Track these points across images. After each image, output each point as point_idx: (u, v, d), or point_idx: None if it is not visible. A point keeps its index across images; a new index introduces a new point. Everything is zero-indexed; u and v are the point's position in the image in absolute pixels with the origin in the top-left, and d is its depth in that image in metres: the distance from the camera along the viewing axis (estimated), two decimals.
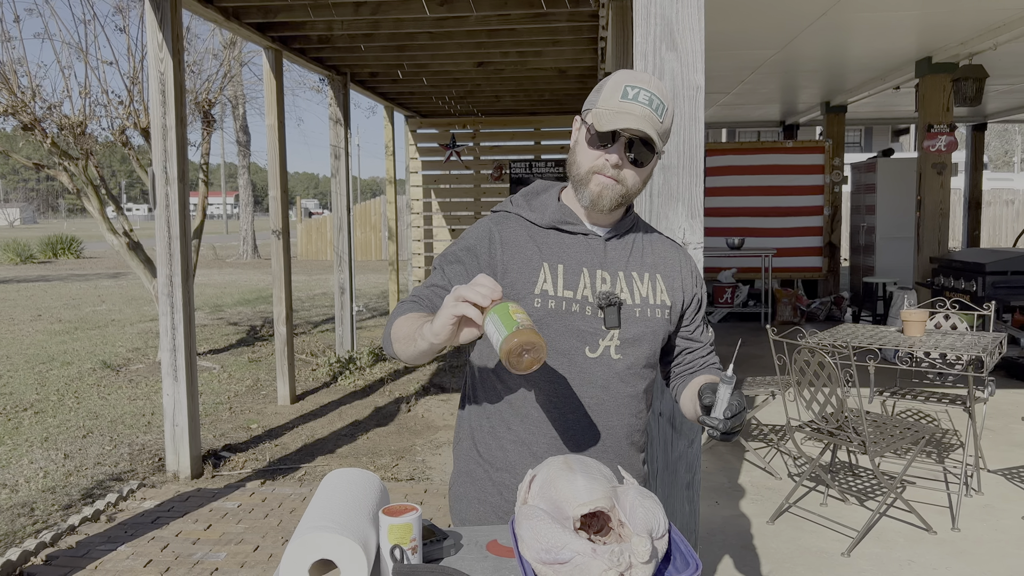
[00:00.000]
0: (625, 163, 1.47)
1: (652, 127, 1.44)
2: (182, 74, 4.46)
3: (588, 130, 1.49)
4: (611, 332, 1.54)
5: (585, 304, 1.52)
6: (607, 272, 1.55)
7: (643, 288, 1.58)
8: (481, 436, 1.61)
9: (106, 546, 3.57)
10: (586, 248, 1.56)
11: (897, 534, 3.48)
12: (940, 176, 6.84)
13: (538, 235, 1.57)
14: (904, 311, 3.85)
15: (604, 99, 1.47)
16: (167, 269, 4.43)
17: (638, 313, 1.56)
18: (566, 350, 1.53)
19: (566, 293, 1.53)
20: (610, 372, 1.55)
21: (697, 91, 2.54)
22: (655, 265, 1.62)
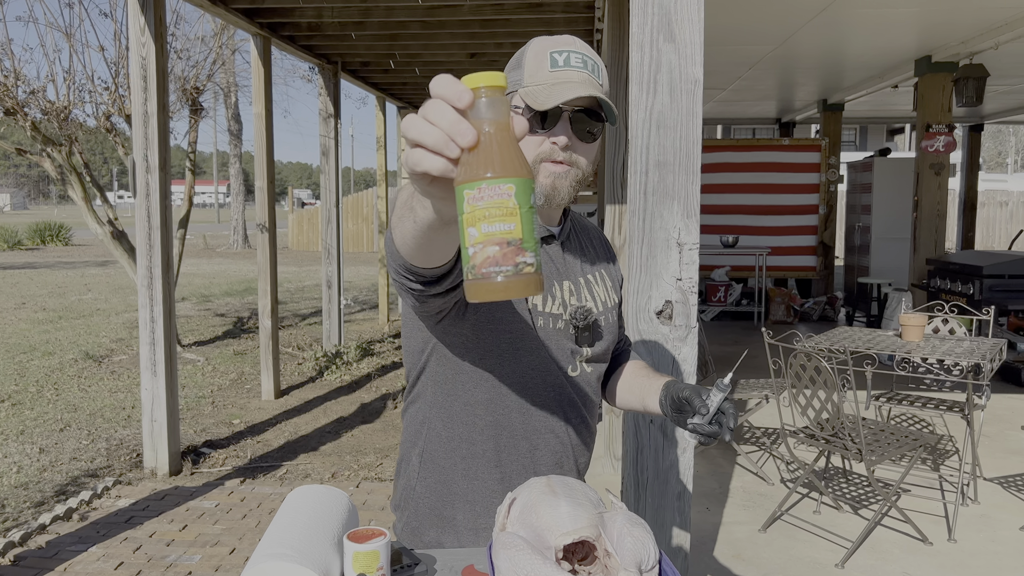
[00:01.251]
0: (575, 142, 1.27)
1: (598, 91, 1.25)
2: (165, 59, 4.33)
3: (523, 114, 1.26)
4: (583, 349, 1.40)
5: (559, 319, 1.36)
6: (570, 281, 1.40)
7: (600, 292, 1.45)
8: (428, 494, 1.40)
9: (77, 546, 3.45)
10: (547, 257, 1.38)
11: (892, 544, 3.40)
12: (938, 177, 6.75)
13: None
14: (903, 315, 3.76)
15: (530, 73, 1.27)
16: (147, 260, 4.30)
17: (603, 321, 1.43)
18: (556, 371, 1.38)
19: (553, 309, 1.36)
20: (587, 388, 1.43)
21: (695, 85, 2.43)
22: (598, 259, 1.49)
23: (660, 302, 2.48)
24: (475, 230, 0.71)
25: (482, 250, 0.71)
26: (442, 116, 0.69)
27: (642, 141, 2.45)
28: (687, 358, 2.49)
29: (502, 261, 0.70)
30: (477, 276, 0.71)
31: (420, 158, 0.70)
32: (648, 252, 2.47)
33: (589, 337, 1.40)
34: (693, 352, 2.48)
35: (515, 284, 0.71)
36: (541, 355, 1.36)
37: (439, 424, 1.36)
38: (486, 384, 1.34)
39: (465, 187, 0.70)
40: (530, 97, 1.26)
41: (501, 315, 1.33)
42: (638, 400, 1.50)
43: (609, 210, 4.19)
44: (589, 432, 1.47)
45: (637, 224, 2.47)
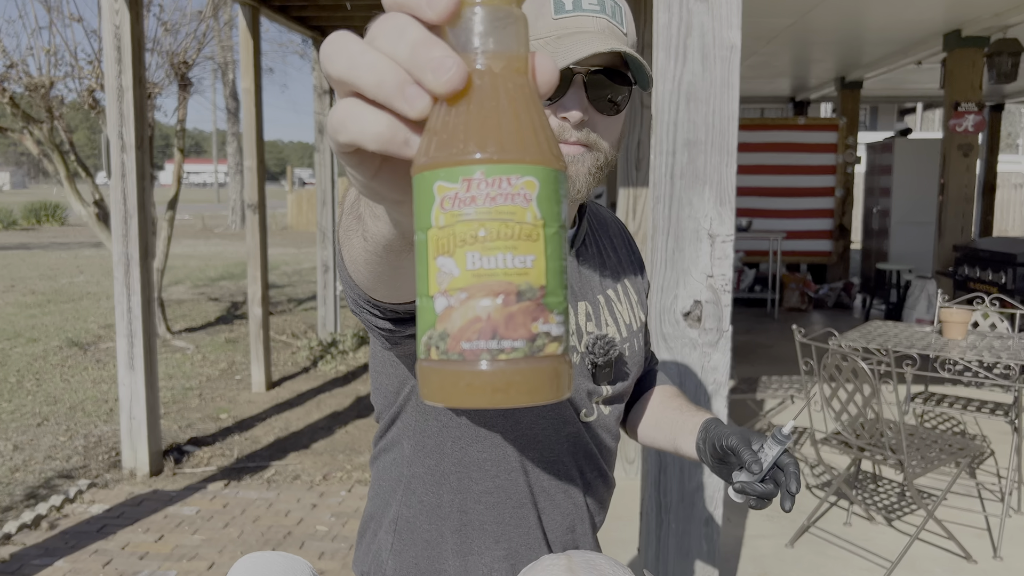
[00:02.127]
0: (592, 116, 0.92)
1: (620, 43, 0.89)
2: (140, 28, 3.99)
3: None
4: (603, 387, 1.07)
5: (576, 354, 1.04)
6: (588, 302, 1.06)
7: (624, 312, 1.10)
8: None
9: (42, 560, 3.16)
10: None
11: (933, 563, 3.10)
12: (966, 158, 6.40)
13: None
14: (944, 310, 3.44)
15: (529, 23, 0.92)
16: (123, 247, 3.99)
17: (627, 351, 1.10)
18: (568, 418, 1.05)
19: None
20: (605, 434, 1.11)
21: (731, 50, 2.10)
22: (621, 267, 1.13)
23: (688, 302, 2.16)
24: (453, 263, 0.38)
25: (466, 304, 0.37)
26: (399, 36, 0.37)
27: (669, 116, 2.13)
28: (718, 366, 2.18)
29: (504, 330, 0.37)
30: (450, 356, 0.38)
31: (348, 115, 0.38)
32: (675, 245, 2.15)
33: (610, 374, 1.07)
34: (725, 360, 2.16)
35: (527, 379, 0.38)
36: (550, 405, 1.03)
37: (421, 488, 1.03)
38: (483, 441, 1.00)
39: (438, 176, 0.38)
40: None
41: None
42: (667, 439, 1.17)
43: (622, 193, 3.86)
44: (607, 486, 1.15)
45: (662, 212, 2.15)
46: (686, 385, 2.17)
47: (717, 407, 2.18)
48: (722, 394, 2.18)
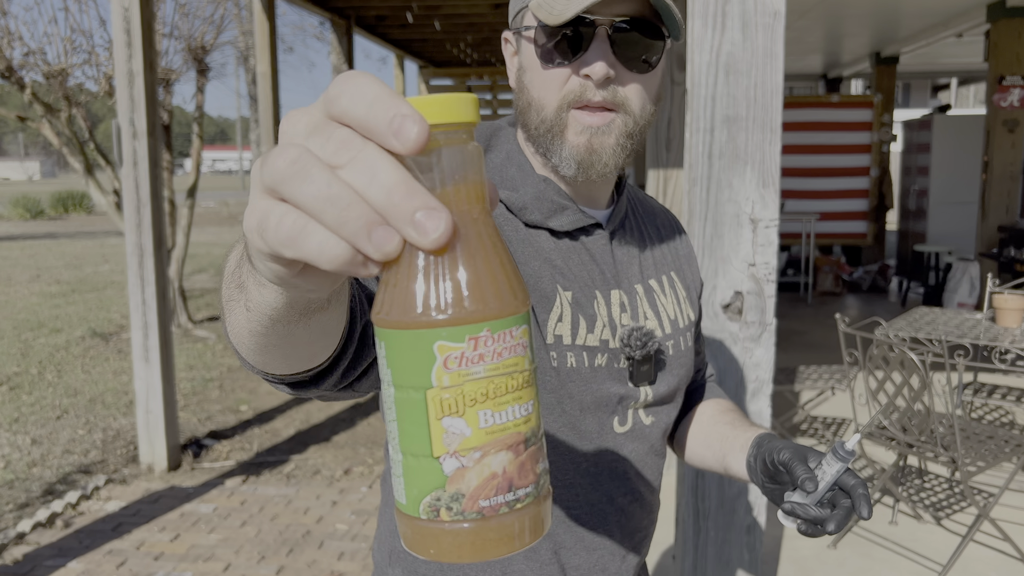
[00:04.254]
0: (620, 71, 0.80)
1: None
2: (151, 11, 3.86)
3: (535, 40, 0.81)
4: (643, 390, 0.92)
5: (605, 351, 0.89)
6: (623, 291, 0.91)
7: (669, 305, 0.96)
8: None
9: (55, 560, 3.08)
10: (589, 253, 0.90)
11: (986, 566, 2.91)
12: (1012, 134, 6.11)
13: (528, 237, 0.87)
14: (997, 296, 3.23)
15: None
16: (136, 236, 3.88)
17: (671, 349, 0.95)
18: (595, 431, 0.90)
19: (588, 339, 0.88)
20: (644, 447, 0.95)
21: (775, 17, 1.91)
22: (666, 260, 0.99)
23: (728, 293, 1.99)
24: (464, 423, 0.36)
25: (481, 462, 0.36)
26: (370, 174, 0.35)
27: (706, 91, 1.95)
28: (760, 362, 2.01)
29: (518, 480, 0.37)
30: (466, 516, 0.37)
31: (300, 232, 0.35)
32: (713, 231, 1.97)
33: (650, 372, 0.91)
34: (769, 355, 1.99)
35: (536, 519, 0.39)
36: (567, 411, 0.88)
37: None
38: None
39: (439, 335, 0.36)
40: (543, 9, 0.78)
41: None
42: (717, 458, 1.01)
43: (652, 175, 3.67)
44: (647, 513, 0.98)
45: (699, 195, 1.98)
46: (726, 383, 2.00)
47: (759, 407, 2.01)
48: (765, 392, 2.01)
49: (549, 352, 0.86)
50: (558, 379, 0.87)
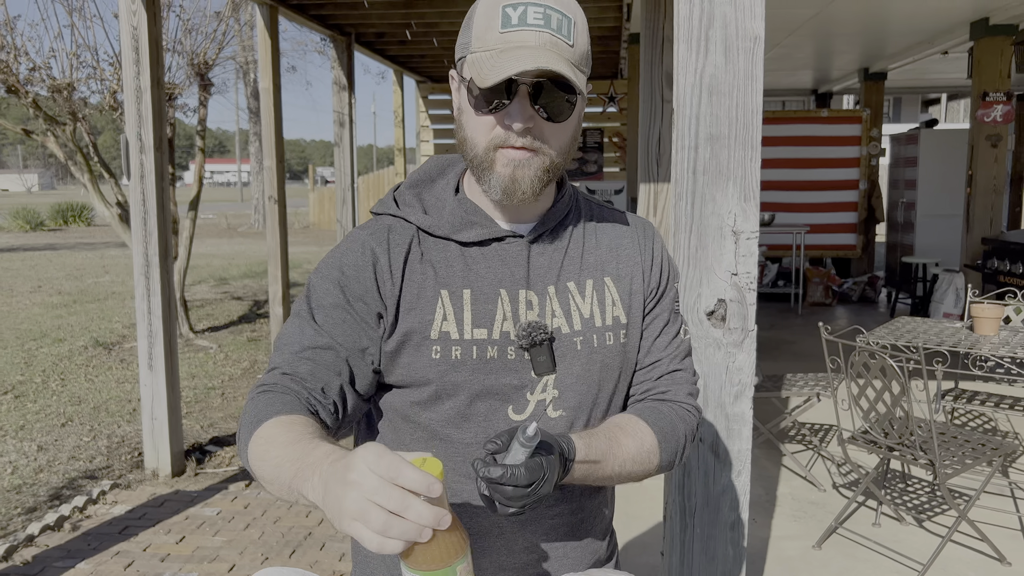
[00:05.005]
0: (538, 123, 0.96)
1: (560, 58, 0.93)
2: (158, 29, 3.99)
3: (469, 88, 0.97)
4: (544, 380, 1.05)
5: (507, 345, 1.03)
6: (533, 292, 1.05)
7: (585, 305, 1.08)
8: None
9: (64, 562, 3.17)
10: (500, 259, 1.05)
11: (965, 566, 3.02)
12: (995, 149, 6.26)
13: (433, 248, 1.05)
14: (975, 306, 3.36)
15: (478, 36, 0.96)
16: (142, 247, 4.00)
17: (579, 344, 1.06)
18: (484, 416, 1.03)
19: (477, 333, 1.02)
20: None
21: (755, 42, 2.04)
22: (602, 265, 1.11)
23: (712, 301, 2.11)
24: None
25: None
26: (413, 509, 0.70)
27: (691, 110, 2.08)
28: (743, 367, 2.13)
29: None
30: None
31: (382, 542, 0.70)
32: (698, 242, 2.10)
33: (547, 362, 1.04)
34: (751, 360, 2.11)
35: None
36: (454, 397, 1.02)
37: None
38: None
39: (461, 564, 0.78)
40: (476, 67, 0.94)
41: (409, 362, 1.02)
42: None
43: (643, 189, 3.80)
44: (567, 498, 1.08)
45: (685, 209, 2.10)
46: (710, 386, 2.12)
47: (742, 409, 2.13)
48: (747, 395, 2.13)
49: (432, 347, 1.01)
50: (439, 370, 1.01)
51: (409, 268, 1.04)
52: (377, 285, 1.02)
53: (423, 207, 1.07)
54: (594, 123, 10.45)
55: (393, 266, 1.03)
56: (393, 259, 1.03)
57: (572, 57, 0.96)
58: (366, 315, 1.02)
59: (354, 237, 1.06)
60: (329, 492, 0.73)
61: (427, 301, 1.02)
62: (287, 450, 0.85)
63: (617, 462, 1.02)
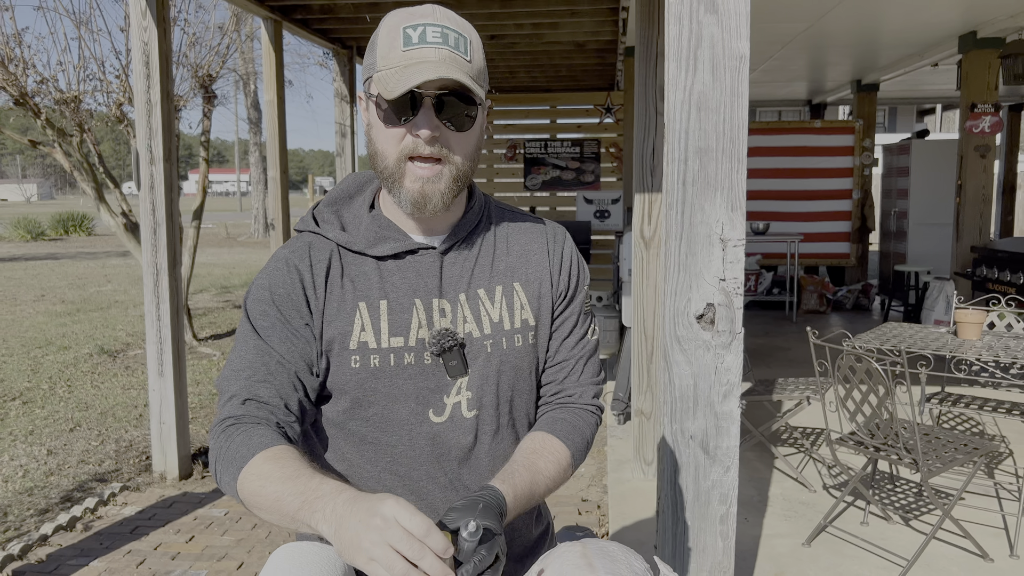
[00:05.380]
0: (443, 132, 1.06)
1: (459, 70, 1.03)
2: (168, 44, 4.11)
3: (377, 104, 1.05)
4: (458, 383, 1.14)
5: (422, 351, 1.12)
6: (446, 300, 1.15)
7: (494, 310, 1.18)
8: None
9: (78, 560, 3.27)
10: (415, 271, 1.14)
11: (949, 561, 3.13)
12: (983, 159, 6.40)
13: (352, 263, 1.14)
14: (958, 311, 3.47)
15: (383, 55, 1.05)
16: (152, 256, 4.11)
17: (490, 347, 1.16)
18: (404, 420, 1.13)
19: (394, 341, 1.11)
20: (467, 437, 1.15)
21: (740, 61, 2.16)
22: (512, 271, 1.20)
23: (701, 305, 2.23)
24: None
25: None
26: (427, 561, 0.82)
27: (680, 125, 2.20)
28: (731, 367, 2.24)
29: None
30: None
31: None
32: (687, 249, 2.22)
33: (459, 366, 1.13)
34: (738, 361, 2.23)
35: None
36: (375, 403, 1.12)
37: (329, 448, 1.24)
38: (361, 447, 1.18)
39: None
40: (382, 83, 1.03)
41: (333, 371, 1.12)
42: None
43: (638, 199, 3.92)
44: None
45: (675, 218, 2.22)
46: (700, 386, 2.24)
47: (730, 407, 2.25)
48: (735, 394, 2.24)
49: (351, 356, 1.10)
50: (359, 378, 1.11)
51: (331, 282, 1.13)
52: (306, 299, 1.11)
53: (341, 224, 1.16)
54: (592, 134, 10.60)
55: (316, 281, 1.12)
56: (316, 274, 1.13)
57: (470, 71, 1.05)
58: (302, 329, 1.11)
59: (278, 257, 1.15)
60: (345, 527, 0.84)
61: (346, 313, 1.11)
62: (287, 485, 0.94)
63: (540, 489, 1.13)
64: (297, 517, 0.91)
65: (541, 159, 10.61)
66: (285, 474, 0.95)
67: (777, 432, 4.62)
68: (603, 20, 6.10)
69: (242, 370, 1.10)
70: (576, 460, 1.20)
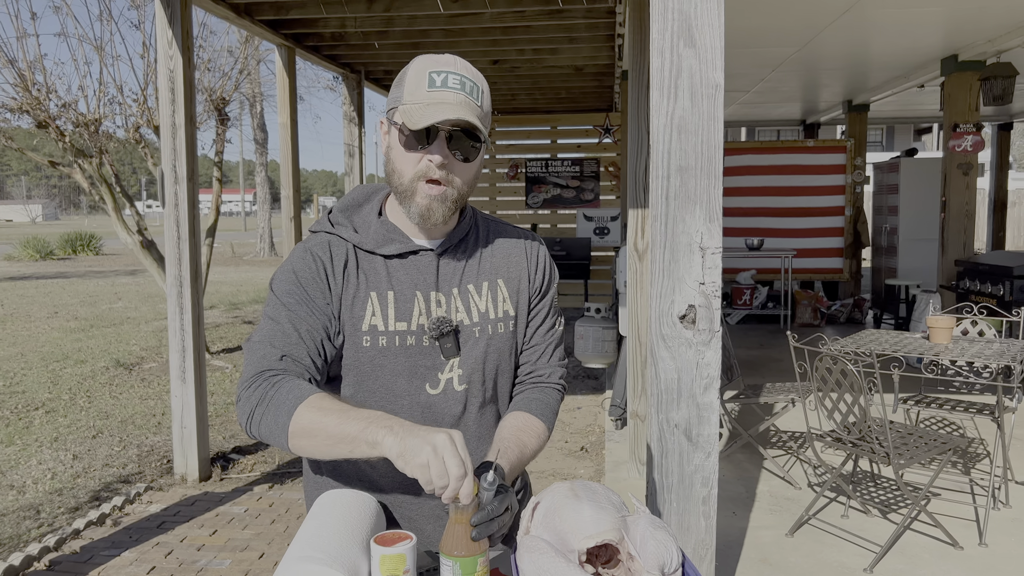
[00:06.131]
0: (452, 161, 1.30)
1: (472, 113, 1.28)
2: (192, 71, 4.40)
3: (400, 131, 1.30)
4: (451, 362, 1.39)
5: (421, 335, 1.37)
6: (441, 293, 1.40)
7: (481, 302, 1.43)
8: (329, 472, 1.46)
9: (110, 551, 3.51)
10: (416, 268, 1.39)
11: (922, 549, 3.36)
12: (966, 177, 6.67)
13: (364, 259, 1.39)
14: (930, 317, 3.72)
15: (409, 92, 1.29)
16: (176, 269, 4.38)
17: (477, 333, 1.42)
18: (405, 391, 1.38)
19: (399, 325, 1.36)
20: (457, 407, 1.41)
21: (716, 89, 2.43)
22: (496, 270, 1.47)
23: (683, 306, 2.48)
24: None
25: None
26: (452, 461, 1.06)
27: (663, 146, 2.46)
28: (711, 362, 2.49)
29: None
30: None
31: (432, 480, 1.06)
32: (671, 257, 2.47)
33: (452, 348, 1.39)
34: (717, 356, 2.48)
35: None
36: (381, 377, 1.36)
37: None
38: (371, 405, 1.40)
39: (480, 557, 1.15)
40: (407, 115, 1.28)
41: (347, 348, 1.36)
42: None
43: (632, 214, 4.19)
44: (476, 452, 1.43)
45: (659, 229, 2.48)
46: (683, 379, 2.49)
47: (710, 398, 2.49)
48: (714, 387, 2.49)
49: (363, 337, 1.35)
50: (369, 355, 1.35)
51: (348, 273, 1.37)
52: (327, 282, 1.35)
53: (353, 227, 1.41)
54: (591, 153, 10.90)
55: (336, 270, 1.36)
56: (335, 264, 1.37)
57: (479, 114, 1.31)
58: (323, 306, 1.34)
59: (301, 248, 1.39)
60: (411, 436, 1.08)
61: (360, 301, 1.36)
62: (348, 414, 1.17)
63: (526, 459, 1.41)
64: (360, 436, 1.12)
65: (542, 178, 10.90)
66: (343, 408, 1.18)
67: (765, 434, 4.86)
68: (600, 46, 6.40)
69: (275, 335, 1.29)
70: (549, 430, 1.49)
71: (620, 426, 5.11)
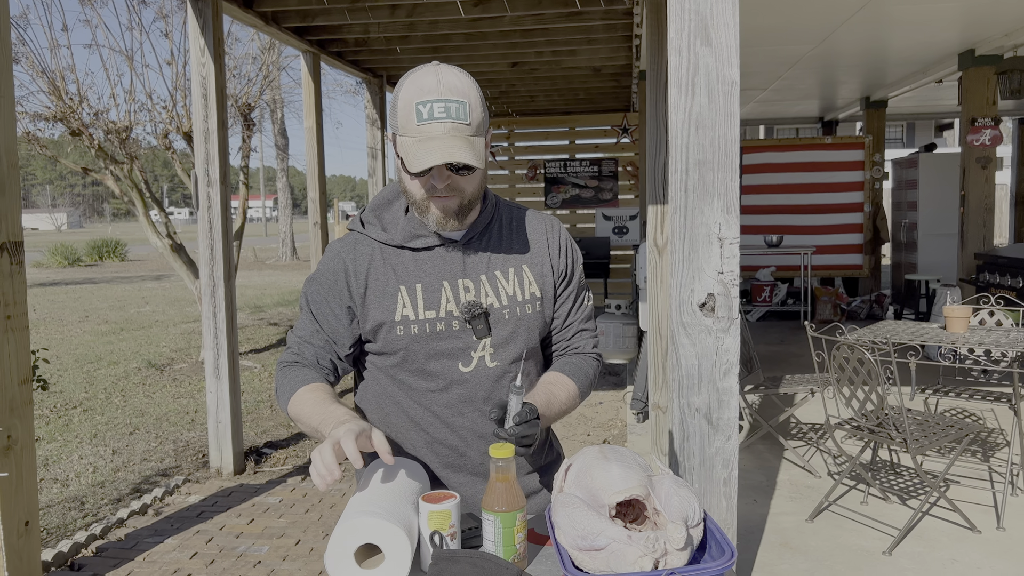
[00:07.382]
0: (454, 177, 1.40)
1: (461, 139, 1.35)
2: (223, 78, 4.56)
3: (402, 160, 1.39)
4: (483, 342, 1.51)
5: (451, 320, 1.49)
6: (469, 280, 1.51)
7: (509, 286, 1.54)
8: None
9: (153, 538, 3.66)
10: (443, 259, 1.50)
11: (940, 533, 3.43)
12: (984, 171, 6.70)
13: (392, 255, 1.51)
14: (946, 307, 3.79)
15: (402, 124, 1.38)
16: (209, 269, 4.53)
17: (507, 315, 1.53)
18: (438, 371, 1.51)
19: (428, 314, 1.48)
20: (488, 380, 1.52)
21: (732, 86, 2.53)
22: (520, 255, 1.57)
23: (702, 295, 2.58)
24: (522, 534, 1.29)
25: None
26: (321, 458, 1.24)
27: (682, 141, 2.56)
28: (730, 348, 2.59)
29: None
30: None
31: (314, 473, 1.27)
32: (690, 247, 2.57)
33: (483, 328, 1.50)
34: (735, 342, 2.57)
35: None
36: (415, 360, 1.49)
37: (382, 392, 1.60)
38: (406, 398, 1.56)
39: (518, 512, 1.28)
40: (404, 152, 1.37)
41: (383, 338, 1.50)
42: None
43: (651, 210, 4.29)
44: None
45: (679, 220, 2.58)
46: (703, 365, 2.59)
47: (730, 383, 2.59)
48: (734, 372, 2.59)
49: (397, 327, 1.48)
50: (404, 342, 1.49)
51: (373, 271, 1.50)
52: (348, 285, 1.49)
53: (382, 225, 1.53)
54: (609, 153, 10.99)
55: (358, 271, 1.50)
56: (359, 265, 1.50)
57: (470, 132, 1.38)
58: (337, 308, 1.50)
59: (332, 249, 1.54)
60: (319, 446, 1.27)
61: (390, 295, 1.49)
62: (315, 408, 1.38)
63: (556, 407, 1.52)
64: (318, 430, 1.35)
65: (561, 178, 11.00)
66: (316, 399, 1.40)
67: (785, 425, 4.93)
68: (618, 47, 6.50)
69: (299, 331, 1.53)
70: (583, 392, 1.61)
71: (642, 419, 5.20)
